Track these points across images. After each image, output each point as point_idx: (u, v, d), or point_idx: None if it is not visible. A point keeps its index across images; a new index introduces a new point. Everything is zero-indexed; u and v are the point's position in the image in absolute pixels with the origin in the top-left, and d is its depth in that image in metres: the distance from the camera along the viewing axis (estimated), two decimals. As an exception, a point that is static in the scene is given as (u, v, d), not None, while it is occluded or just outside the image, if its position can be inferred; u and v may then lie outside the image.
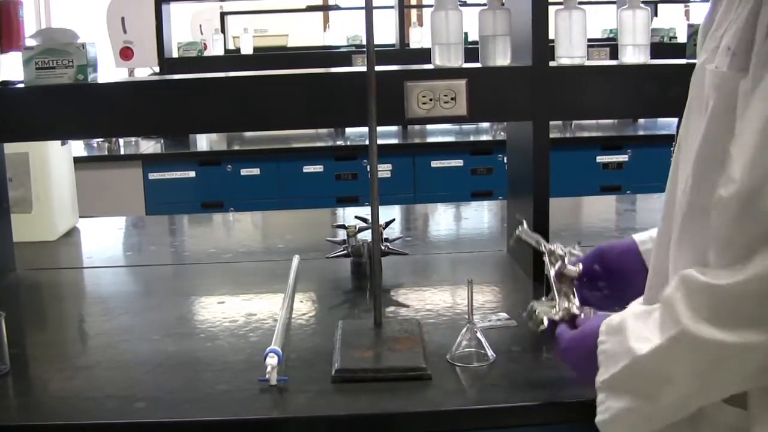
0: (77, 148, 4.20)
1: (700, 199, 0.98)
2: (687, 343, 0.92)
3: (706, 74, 0.99)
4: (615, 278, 1.36)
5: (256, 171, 4.16)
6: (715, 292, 0.90)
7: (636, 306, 1.09)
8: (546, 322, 1.23)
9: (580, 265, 1.32)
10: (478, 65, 1.82)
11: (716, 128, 0.96)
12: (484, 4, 1.80)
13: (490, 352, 1.39)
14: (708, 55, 1.01)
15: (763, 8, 0.92)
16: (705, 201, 0.96)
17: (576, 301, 1.27)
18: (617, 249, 1.36)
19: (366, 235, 1.90)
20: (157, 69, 4.40)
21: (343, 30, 6.36)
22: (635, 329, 1.00)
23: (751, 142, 0.88)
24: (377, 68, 1.48)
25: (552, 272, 1.31)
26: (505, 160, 2.16)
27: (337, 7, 6.54)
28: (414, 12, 6.77)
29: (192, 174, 4.13)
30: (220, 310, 1.73)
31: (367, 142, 1.52)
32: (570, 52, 1.83)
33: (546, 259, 1.33)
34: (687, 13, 6.24)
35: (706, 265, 0.95)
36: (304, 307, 1.74)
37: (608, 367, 1.04)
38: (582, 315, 1.23)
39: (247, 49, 5.39)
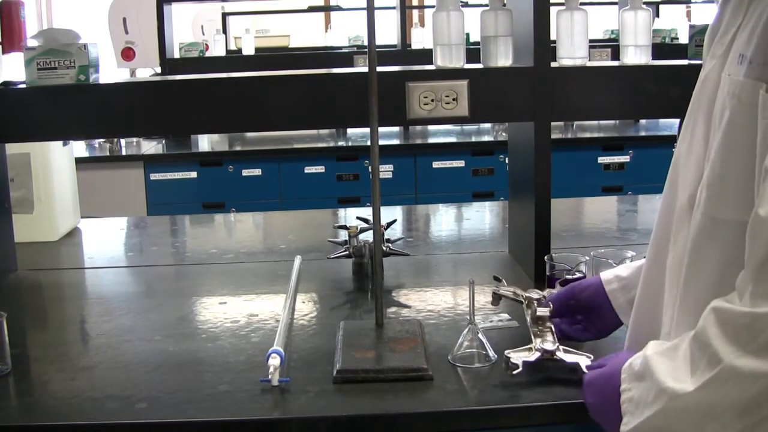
0: (79, 148, 4.20)
1: (717, 211, 0.94)
2: (731, 380, 0.85)
3: (721, 82, 0.96)
4: (588, 313, 1.40)
5: (257, 171, 4.16)
6: (757, 320, 0.84)
7: (656, 343, 1.02)
8: (521, 366, 1.29)
9: (551, 305, 1.39)
10: (479, 66, 1.82)
11: (734, 138, 0.93)
12: (486, 5, 1.80)
13: (491, 353, 1.39)
14: (717, 60, 0.97)
15: None
16: (723, 214, 0.93)
17: (551, 338, 1.34)
18: (586, 288, 1.40)
19: (367, 236, 1.90)
20: (158, 69, 4.39)
21: (344, 31, 6.36)
22: (664, 370, 0.94)
23: None
24: (379, 69, 1.48)
25: (528, 318, 1.39)
26: (507, 161, 2.16)
27: (338, 8, 6.54)
28: (416, 12, 6.77)
29: (193, 174, 4.13)
30: (222, 311, 1.73)
31: (368, 143, 1.52)
32: (571, 53, 1.83)
33: (524, 306, 1.42)
34: (689, 14, 6.24)
35: (728, 282, 0.91)
36: (305, 307, 1.73)
37: (635, 415, 0.98)
38: (558, 349, 1.31)
39: (248, 50, 5.39)
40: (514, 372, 1.28)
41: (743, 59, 0.93)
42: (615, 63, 2.00)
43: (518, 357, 1.30)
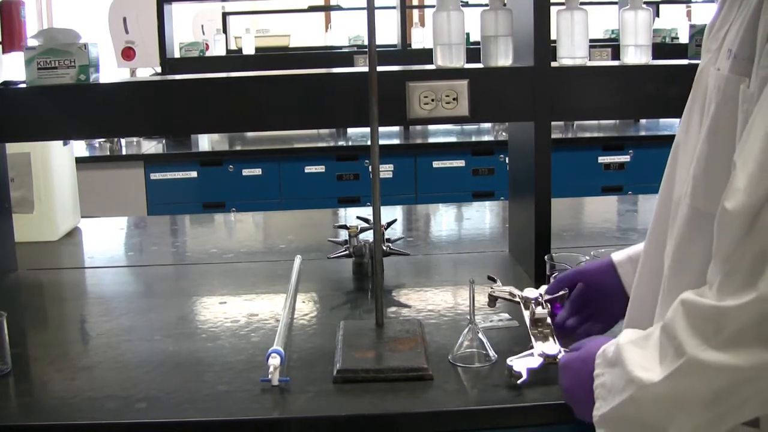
0: (79, 148, 4.20)
1: (701, 203, 0.96)
2: (695, 372, 0.87)
3: (709, 76, 0.98)
4: (593, 299, 1.39)
5: (257, 171, 4.16)
6: (722, 314, 0.85)
7: (630, 332, 1.02)
8: (525, 374, 1.28)
9: (549, 306, 1.39)
10: (479, 66, 1.81)
11: (718, 131, 0.94)
12: (486, 5, 1.80)
13: (491, 353, 1.39)
14: (711, 55, 1.00)
15: (764, 11, 0.89)
16: (706, 206, 0.94)
17: (552, 340, 1.34)
18: (596, 270, 1.39)
19: (367, 236, 1.90)
20: (158, 69, 4.40)
21: (344, 30, 6.36)
22: (634, 359, 0.96)
23: (756, 151, 0.84)
24: (379, 69, 1.48)
25: (527, 320, 1.38)
26: (507, 161, 2.16)
27: (338, 8, 6.53)
28: (416, 12, 6.77)
29: (193, 174, 4.13)
30: (222, 311, 1.73)
31: (368, 143, 1.52)
32: (572, 53, 1.83)
33: (521, 307, 1.41)
34: (689, 14, 6.24)
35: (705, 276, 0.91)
36: (305, 307, 1.73)
37: (607, 401, 0.99)
38: (560, 353, 1.30)
39: (248, 50, 5.39)
40: (519, 381, 1.28)
41: (730, 54, 0.94)
42: (615, 63, 2.00)
43: (521, 365, 1.30)
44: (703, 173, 0.97)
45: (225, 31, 5.83)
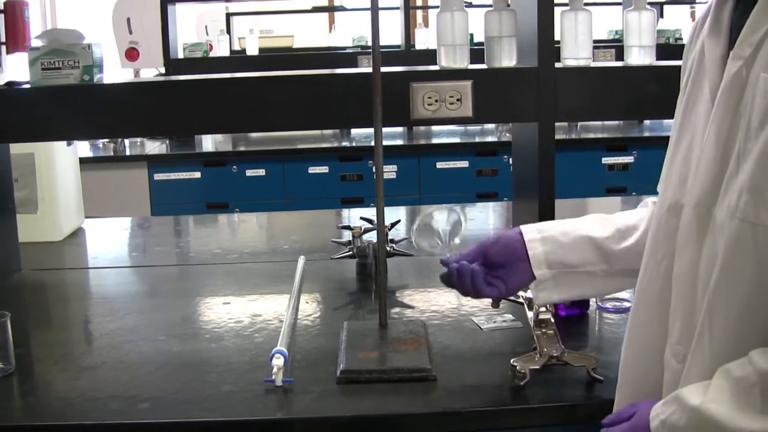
0: (83, 148, 4.20)
1: (758, 216, 0.91)
2: None
3: (753, 82, 0.93)
4: (498, 268, 1.34)
5: (261, 172, 4.16)
6: None
7: (694, 392, 0.94)
8: (529, 375, 1.29)
9: (552, 307, 1.39)
10: (483, 66, 1.81)
11: None
12: (490, 6, 1.80)
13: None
14: (743, 62, 0.94)
15: None
16: (765, 219, 0.90)
17: (556, 341, 1.34)
18: (501, 241, 1.35)
19: (371, 236, 1.90)
20: (162, 70, 4.40)
21: (348, 31, 6.35)
22: (728, 414, 0.89)
23: None
24: (383, 69, 1.48)
25: (531, 321, 1.39)
26: (511, 162, 2.15)
27: (342, 8, 6.53)
28: (420, 13, 6.76)
29: (197, 175, 4.14)
30: (225, 311, 1.73)
31: (372, 143, 1.52)
32: (575, 53, 1.83)
33: (525, 308, 1.43)
34: (693, 15, 6.23)
35: (763, 288, 0.89)
36: (309, 308, 1.73)
37: None
38: (564, 353, 1.31)
39: (252, 50, 5.40)
40: (522, 382, 1.28)
41: None
42: (619, 63, 2.00)
43: (524, 365, 1.30)
44: (765, 184, 0.91)
45: (229, 31, 5.83)
